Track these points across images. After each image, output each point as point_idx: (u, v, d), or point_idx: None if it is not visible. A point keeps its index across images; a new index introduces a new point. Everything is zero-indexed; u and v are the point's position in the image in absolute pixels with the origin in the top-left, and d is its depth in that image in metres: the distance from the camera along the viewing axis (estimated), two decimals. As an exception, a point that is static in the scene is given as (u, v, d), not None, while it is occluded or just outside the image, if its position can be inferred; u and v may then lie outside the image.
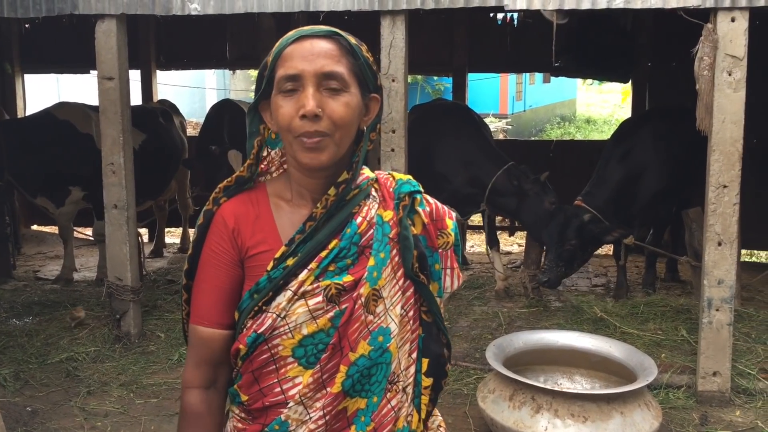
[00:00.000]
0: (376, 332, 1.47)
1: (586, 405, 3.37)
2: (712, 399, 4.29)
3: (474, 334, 5.32)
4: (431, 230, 1.56)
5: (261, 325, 1.46)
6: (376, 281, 1.47)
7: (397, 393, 1.52)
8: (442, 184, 6.14)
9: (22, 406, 4.22)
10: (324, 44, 1.43)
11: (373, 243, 1.49)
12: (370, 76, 1.48)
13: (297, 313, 1.45)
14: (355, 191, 1.50)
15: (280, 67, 1.44)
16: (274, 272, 1.46)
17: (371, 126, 1.52)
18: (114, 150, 4.94)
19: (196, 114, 15.85)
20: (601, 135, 19.73)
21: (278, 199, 1.53)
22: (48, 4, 4.75)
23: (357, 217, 1.50)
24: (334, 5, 4.49)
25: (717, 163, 4.18)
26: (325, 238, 1.47)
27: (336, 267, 1.47)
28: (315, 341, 1.46)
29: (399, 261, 1.51)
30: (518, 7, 4.34)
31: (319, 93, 1.41)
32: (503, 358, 3.76)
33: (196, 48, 9.08)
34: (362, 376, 1.46)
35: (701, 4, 4.10)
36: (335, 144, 1.43)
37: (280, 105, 1.43)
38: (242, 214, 1.51)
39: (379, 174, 1.60)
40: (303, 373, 1.46)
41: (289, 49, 1.44)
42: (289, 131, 1.43)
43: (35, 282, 6.81)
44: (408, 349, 1.54)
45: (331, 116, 1.41)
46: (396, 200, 1.54)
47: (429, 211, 1.57)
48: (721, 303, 4.26)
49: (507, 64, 9.34)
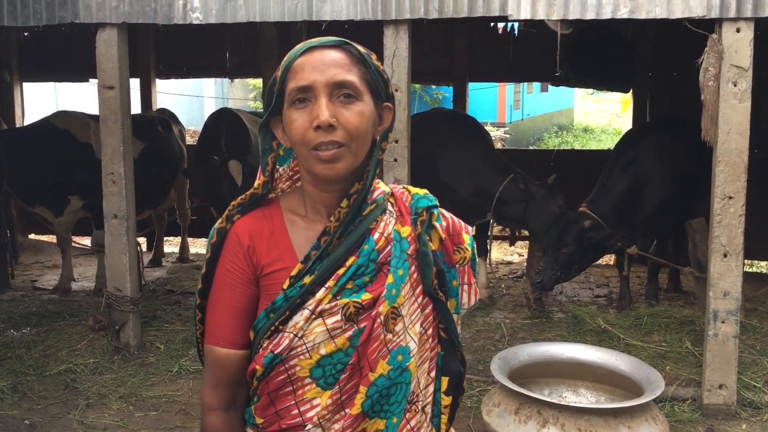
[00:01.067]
0: (395, 351, 1.43)
1: (593, 419, 3.33)
2: (718, 412, 4.26)
3: (477, 346, 5.28)
4: (448, 245, 1.54)
5: (278, 345, 1.42)
6: (395, 299, 1.43)
7: (416, 413, 1.49)
8: (445, 194, 6.10)
9: (21, 419, 4.16)
10: (334, 54, 1.41)
11: (391, 259, 1.46)
12: (381, 84, 1.46)
13: (315, 332, 1.41)
14: (371, 206, 1.47)
15: (291, 80, 1.40)
16: (290, 291, 1.42)
17: (383, 135, 1.49)
18: (114, 159, 4.90)
19: (194, 122, 15.82)
20: (598, 144, 19.76)
21: (292, 215, 1.50)
22: (49, 13, 4.72)
23: (374, 233, 1.46)
24: (337, 15, 4.47)
25: (722, 174, 4.15)
26: (342, 255, 1.44)
27: (354, 285, 1.43)
28: (333, 361, 1.42)
29: (417, 278, 1.48)
30: (522, 16, 4.32)
31: (332, 103, 1.38)
32: (508, 371, 3.72)
33: (196, 57, 9.06)
34: (381, 396, 1.43)
35: (706, 15, 4.08)
36: (352, 154, 1.40)
37: (293, 118, 1.40)
38: (257, 231, 1.47)
39: (394, 188, 1.57)
40: (321, 395, 1.43)
41: (298, 61, 1.40)
42: (303, 144, 1.39)
43: (33, 292, 6.76)
44: (427, 368, 1.52)
45: (346, 125, 1.38)
46: (413, 215, 1.51)
47: (446, 226, 1.54)
48: (727, 315, 4.22)
49: (507, 73, 9.33)
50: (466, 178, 6.08)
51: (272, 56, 5.86)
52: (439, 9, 4.36)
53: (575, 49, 6.86)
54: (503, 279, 7.23)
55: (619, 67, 7.65)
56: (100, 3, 4.67)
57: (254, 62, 8.36)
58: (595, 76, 7.79)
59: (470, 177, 6.07)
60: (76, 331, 5.51)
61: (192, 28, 4.95)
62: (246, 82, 18.65)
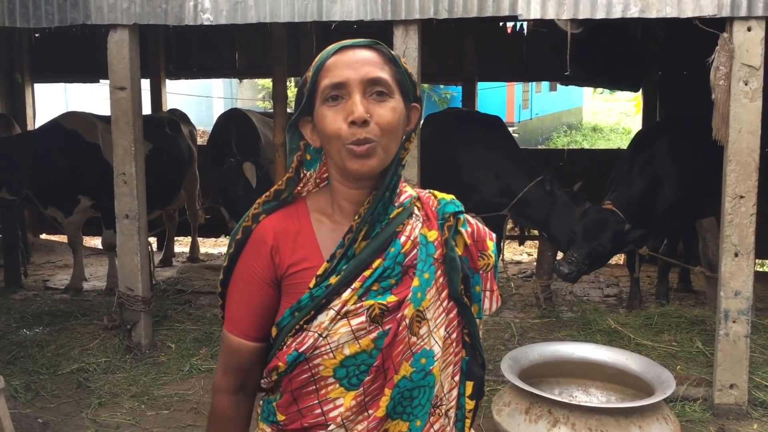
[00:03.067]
0: (419, 354, 1.44)
1: (603, 419, 3.32)
2: (729, 412, 4.24)
3: (486, 345, 5.27)
4: (473, 251, 1.54)
5: (302, 344, 1.44)
6: (420, 302, 1.44)
7: (440, 417, 1.50)
8: (468, 194, 6.12)
9: (34, 417, 4.19)
10: (366, 53, 1.43)
11: (417, 263, 1.47)
12: (410, 85, 1.47)
13: (339, 332, 1.42)
14: (399, 210, 1.48)
15: (324, 78, 1.42)
16: (316, 290, 1.43)
17: (407, 135, 1.51)
18: (126, 160, 4.93)
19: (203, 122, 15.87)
20: (607, 143, 19.70)
21: (319, 215, 1.51)
22: (61, 15, 4.75)
23: (401, 236, 1.47)
24: (347, 15, 4.48)
25: (733, 174, 4.14)
26: (368, 256, 1.45)
27: (379, 287, 1.44)
28: (357, 362, 1.43)
29: (443, 282, 1.49)
30: (532, 16, 4.32)
31: (365, 99, 1.40)
32: (518, 371, 3.72)
33: (205, 57, 9.10)
34: (403, 398, 1.44)
35: (717, 13, 4.07)
36: (383, 150, 1.41)
37: (326, 115, 1.41)
38: (282, 230, 1.49)
39: (420, 192, 1.58)
40: (344, 395, 1.44)
41: (331, 60, 1.42)
42: (338, 139, 1.40)
43: (45, 291, 6.81)
44: (451, 372, 1.52)
45: (379, 122, 1.40)
46: (440, 220, 1.52)
47: (471, 232, 1.55)
48: (738, 315, 4.21)
49: (516, 72, 9.33)
50: (492, 178, 6.07)
51: (282, 57, 5.87)
52: (448, 9, 4.36)
53: (584, 49, 6.85)
54: (513, 278, 7.23)
55: (628, 67, 7.63)
56: (111, 4, 4.70)
57: (263, 63, 8.39)
58: (605, 75, 7.78)
59: (496, 178, 6.06)
60: (88, 331, 5.55)
61: (202, 29, 4.97)
62: (255, 83, 18.70)
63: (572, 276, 5.39)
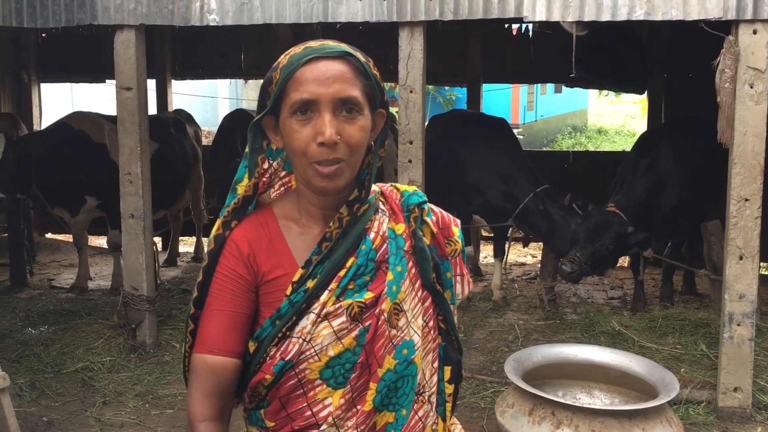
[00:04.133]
0: (400, 345, 1.47)
1: (607, 421, 3.32)
2: (733, 415, 4.24)
3: (490, 347, 5.28)
4: (440, 239, 1.58)
5: (287, 352, 1.44)
6: (396, 295, 1.47)
7: (423, 404, 1.53)
8: (471, 196, 6.12)
9: (39, 416, 4.21)
10: (338, 66, 1.40)
11: (388, 257, 1.49)
12: (378, 93, 1.47)
13: (322, 335, 1.44)
14: (365, 206, 1.50)
15: (293, 90, 1.39)
16: (294, 296, 1.44)
17: (379, 142, 1.51)
18: (131, 160, 4.95)
19: (208, 123, 15.89)
20: (612, 145, 19.66)
21: (287, 221, 1.51)
22: (67, 15, 4.77)
23: (370, 232, 1.49)
24: (353, 17, 4.49)
25: (738, 176, 4.14)
26: (341, 257, 1.46)
27: (355, 285, 1.46)
28: (342, 361, 1.45)
29: (416, 273, 1.52)
30: (537, 18, 4.33)
31: (335, 118, 1.39)
32: (522, 372, 3.72)
33: (211, 58, 9.12)
34: (389, 390, 1.46)
35: (723, 16, 4.07)
36: (350, 168, 1.42)
37: (294, 129, 1.40)
38: (255, 239, 1.48)
39: (383, 186, 1.60)
40: (332, 394, 1.45)
41: (301, 72, 1.39)
42: (304, 156, 1.40)
43: (50, 291, 6.83)
44: (431, 359, 1.55)
45: (348, 141, 1.40)
46: (405, 213, 1.55)
47: (436, 220, 1.59)
48: (743, 318, 4.20)
49: (521, 74, 9.32)
50: (497, 181, 6.07)
51: (286, 58, 5.88)
52: (454, 10, 4.37)
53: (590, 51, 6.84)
54: (517, 280, 7.23)
55: (633, 69, 7.62)
56: (118, 5, 4.72)
57: (269, 63, 8.18)
58: (610, 77, 7.77)
59: (501, 181, 6.07)
60: (92, 330, 5.57)
61: (208, 30, 4.99)
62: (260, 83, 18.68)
63: (574, 275, 5.39)
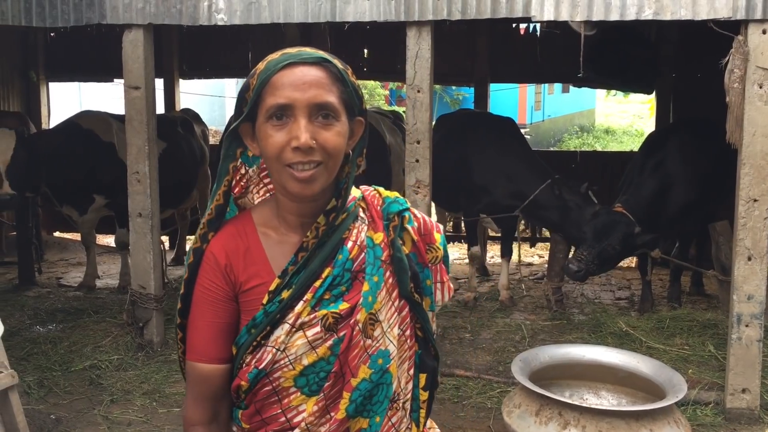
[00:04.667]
0: (375, 355, 1.46)
1: (614, 422, 3.31)
2: (741, 416, 4.22)
3: (497, 347, 5.27)
4: (421, 246, 1.55)
5: (261, 360, 1.45)
6: (371, 306, 1.46)
7: (397, 410, 1.53)
8: (479, 195, 6.11)
9: (46, 413, 4.23)
10: (314, 72, 1.39)
11: (365, 267, 1.48)
12: (356, 101, 1.46)
13: (296, 345, 1.44)
14: (343, 215, 1.49)
15: (269, 95, 1.39)
16: (269, 306, 1.44)
17: (358, 151, 1.50)
18: (139, 159, 4.96)
19: (215, 122, 15.92)
20: (620, 145, 19.61)
21: (266, 229, 1.50)
22: (76, 14, 4.79)
23: (347, 242, 1.48)
24: (360, 16, 4.49)
25: (747, 177, 4.12)
26: (317, 267, 1.45)
27: (331, 295, 1.46)
28: (316, 370, 1.45)
29: (393, 282, 1.50)
30: (545, 18, 4.32)
31: (311, 123, 1.38)
32: (529, 373, 3.71)
33: (219, 57, 9.13)
34: (364, 398, 1.46)
35: (732, 16, 4.05)
36: (327, 172, 1.41)
37: (269, 134, 1.39)
38: (232, 249, 1.48)
39: (366, 191, 1.58)
40: (306, 401, 1.46)
41: (277, 77, 1.39)
42: (278, 161, 1.39)
43: (58, 289, 6.86)
44: (406, 367, 1.55)
45: (324, 146, 1.39)
46: (385, 221, 1.53)
47: (417, 227, 1.56)
48: (751, 319, 4.19)
49: (529, 74, 9.31)
50: (504, 180, 6.07)
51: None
52: (462, 10, 4.36)
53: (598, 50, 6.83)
54: (524, 280, 7.22)
55: (642, 69, 7.60)
56: (126, 4, 4.73)
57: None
58: (618, 77, 7.75)
59: (508, 179, 6.06)
60: (100, 328, 5.59)
61: (215, 29, 5.00)
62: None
63: (581, 274, 5.38)
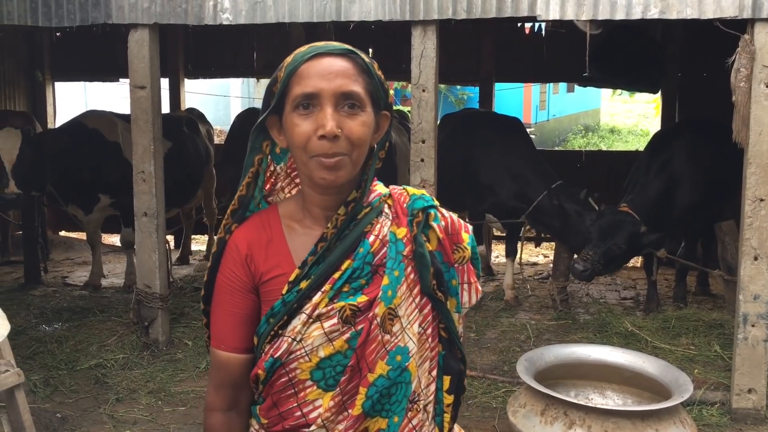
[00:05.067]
0: (394, 351, 1.45)
1: (620, 422, 3.31)
2: (747, 417, 4.21)
3: (502, 347, 5.27)
4: (447, 245, 1.54)
5: (277, 349, 1.45)
6: (391, 300, 1.45)
7: (418, 412, 1.51)
8: (485, 195, 6.11)
9: (52, 412, 4.24)
10: (341, 63, 1.41)
11: (386, 261, 1.47)
12: (382, 94, 1.47)
13: (313, 336, 1.44)
14: (366, 209, 1.49)
15: (296, 85, 1.41)
16: (288, 296, 1.45)
17: (380, 144, 1.51)
18: (145, 158, 4.97)
19: (221, 122, 15.95)
20: (625, 145, 19.56)
21: (290, 221, 1.52)
22: (82, 14, 4.80)
23: (369, 235, 1.48)
24: (366, 15, 4.49)
25: (753, 176, 4.11)
26: (337, 259, 1.46)
27: (350, 288, 1.46)
28: (333, 363, 1.45)
29: (415, 278, 1.49)
30: (551, 17, 4.31)
31: (337, 112, 1.39)
32: (534, 372, 3.70)
33: (224, 57, 9.15)
34: (381, 396, 1.45)
35: (738, 15, 4.04)
36: (352, 163, 1.42)
37: (296, 123, 1.41)
38: (255, 239, 1.50)
39: (394, 189, 1.57)
40: (323, 396, 1.45)
41: (304, 67, 1.41)
42: (305, 150, 1.41)
43: (64, 288, 6.88)
44: (428, 367, 1.53)
45: (350, 136, 1.40)
46: (409, 216, 1.52)
47: (444, 225, 1.54)
48: (757, 319, 4.17)
49: (534, 73, 9.29)
50: (509, 181, 6.06)
51: (300, 57, 5.90)
52: (467, 9, 4.36)
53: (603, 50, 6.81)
54: (529, 280, 7.21)
55: (647, 68, 7.58)
56: (132, 4, 4.74)
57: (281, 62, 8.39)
58: (624, 76, 7.73)
59: (514, 180, 6.05)
60: (106, 327, 5.60)
61: (220, 29, 5.01)
62: (272, 82, 18.71)
63: (587, 274, 5.36)
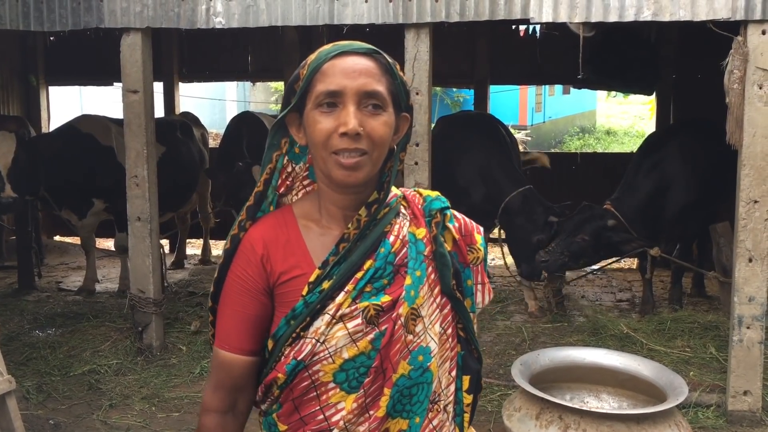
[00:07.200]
0: (416, 352, 1.44)
1: (615, 425, 3.29)
2: (743, 419, 4.20)
3: (497, 350, 5.25)
4: (462, 246, 1.55)
5: (300, 351, 1.43)
6: (414, 300, 1.45)
7: (438, 412, 1.51)
8: (462, 198, 6.10)
9: (45, 418, 4.21)
10: (365, 62, 1.41)
11: (407, 261, 1.47)
12: (403, 96, 1.47)
13: (336, 337, 1.42)
14: (385, 209, 1.49)
15: (320, 82, 1.40)
16: (310, 297, 1.43)
17: (401, 146, 1.50)
18: (138, 162, 4.95)
19: (216, 125, 15.94)
20: (621, 147, 19.58)
21: (307, 221, 1.50)
22: (74, 18, 4.79)
23: (389, 236, 1.48)
24: (359, 19, 4.48)
25: (747, 178, 4.10)
26: (359, 258, 1.45)
27: (372, 288, 1.45)
28: (356, 365, 1.43)
29: (435, 278, 1.50)
30: (544, 19, 4.31)
31: (359, 111, 1.39)
32: (529, 376, 3.69)
33: (218, 60, 9.14)
34: (402, 396, 1.44)
35: (731, 17, 4.04)
36: (372, 162, 1.42)
37: (317, 120, 1.40)
38: (272, 239, 1.48)
39: (406, 191, 1.58)
40: (345, 398, 1.44)
41: (329, 64, 1.41)
42: (325, 147, 1.40)
43: (58, 293, 6.84)
44: (448, 367, 1.53)
45: (371, 135, 1.39)
46: (427, 217, 1.53)
47: (458, 227, 1.56)
48: (752, 320, 4.17)
49: (529, 75, 9.29)
50: (480, 183, 6.07)
51: (293, 59, 5.91)
52: (460, 12, 4.35)
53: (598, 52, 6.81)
54: (524, 283, 7.18)
55: (642, 70, 7.59)
56: (124, 8, 4.72)
57: (276, 65, 8.41)
58: (618, 78, 7.74)
59: (483, 182, 6.07)
60: (99, 332, 5.57)
61: (214, 32, 5.00)
62: (267, 85, 18.76)
63: (545, 264, 5.44)
